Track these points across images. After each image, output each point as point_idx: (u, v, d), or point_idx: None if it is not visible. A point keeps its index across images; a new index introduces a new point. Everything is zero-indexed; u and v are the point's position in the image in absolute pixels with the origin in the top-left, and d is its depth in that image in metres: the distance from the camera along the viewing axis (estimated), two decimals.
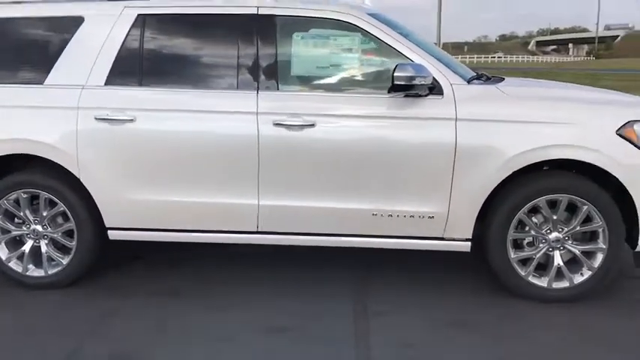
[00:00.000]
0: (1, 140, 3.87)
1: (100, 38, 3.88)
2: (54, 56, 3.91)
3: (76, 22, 3.93)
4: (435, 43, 14.62)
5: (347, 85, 3.93)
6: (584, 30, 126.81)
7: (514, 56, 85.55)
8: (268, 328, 3.45)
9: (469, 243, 3.79)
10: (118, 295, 3.93)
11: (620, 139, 3.58)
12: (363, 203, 3.74)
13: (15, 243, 4.08)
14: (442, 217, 3.72)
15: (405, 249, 3.89)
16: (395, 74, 3.49)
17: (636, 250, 3.73)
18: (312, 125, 3.67)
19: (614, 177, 3.58)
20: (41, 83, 3.91)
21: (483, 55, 76.09)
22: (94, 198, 3.89)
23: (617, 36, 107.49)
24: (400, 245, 3.86)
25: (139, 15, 3.89)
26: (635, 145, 3.58)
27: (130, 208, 3.90)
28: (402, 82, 3.50)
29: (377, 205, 3.73)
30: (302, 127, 3.68)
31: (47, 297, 3.93)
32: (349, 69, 3.92)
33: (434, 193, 3.69)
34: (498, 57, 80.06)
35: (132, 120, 3.77)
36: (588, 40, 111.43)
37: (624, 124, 3.59)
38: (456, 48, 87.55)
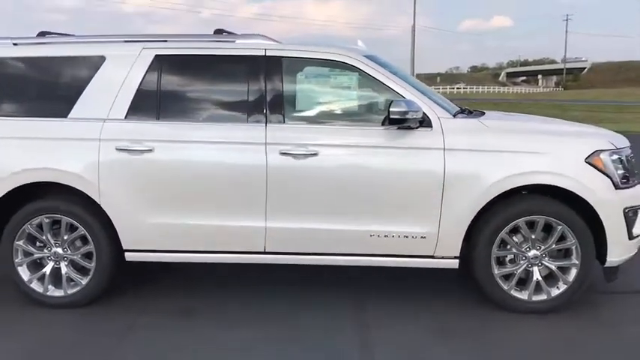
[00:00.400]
0: (28, 169, 4.18)
1: (121, 76, 4.25)
2: (77, 92, 4.26)
3: (98, 61, 4.30)
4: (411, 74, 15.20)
5: (346, 118, 4.37)
6: (552, 62, 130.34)
7: (485, 87, 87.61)
8: (281, 340, 3.79)
9: (457, 260, 4.19)
10: (133, 313, 4.22)
11: (589, 166, 4.05)
12: (362, 225, 4.13)
13: (35, 265, 4.37)
14: (433, 237, 4.12)
15: (399, 266, 4.29)
16: (390, 109, 3.92)
17: (605, 265, 4.17)
18: (316, 154, 4.07)
19: (585, 200, 4.03)
20: (65, 116, 4.25)
21: (449, 86, 77.84)
22: (113, 222, 4.21)
23: (584, 68, 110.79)
24: (395, 263, 4.25)
25: (156, 55, 4.28)
26: (602, 172, 4.05)
27: (147, 231, 4.22)
28: (397, 117, 3.94)
29: (374, 227, 4.12)
30: (306, 155, 4.07)
31: (65, 316, 4.21)
32: (348, 104, 4.37)
33: (425, 215, 4.10)
34: (462, 87, 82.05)
35: (150, 150, 4.12)
36: (556, 72, 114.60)
37: (592, 153, 4.07)
38: (428, 79, 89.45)
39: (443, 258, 4.20)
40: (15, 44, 4.45)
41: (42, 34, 4.69)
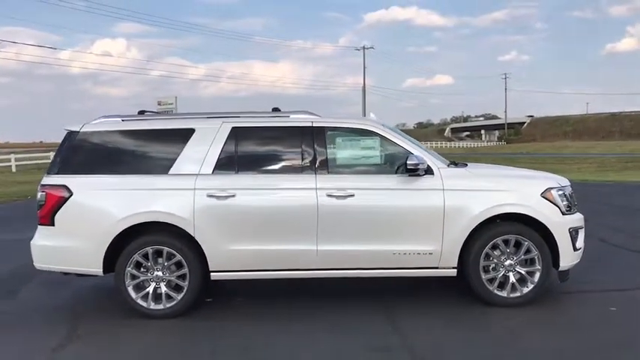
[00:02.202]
0: (141, 212, 5.62)
1: (207, 142, 5.80)
2: (175, 154, 5.77)
3: (190, 132, 5.85)
4: None
5: (372, 169, 5.98)
6: (494, 117, 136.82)
7: (432, 142, 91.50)
8: (344, 330, 5.29)
9: (455, 270, 5.81)
10: (208, 321, 5.65)
11: (544, 199, 5.79)
12: (386, 246, 5.71)
13: (139, 286, 5.74)
14: (437, 253, 5.74)
15: (412, 276, 5.88)
16: (407, 162, 5.61)
17: (559, 270, 5.87)
18: (353, 195, 5.68)
19: (542, 223, 5.75)
20: (167, 173, 5.75)
21: None
22: (203, 250, 5.66)
23: (524, 122, 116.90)
24: (411, 274, 5.83)
25: (233, 127, 5.86)
26: (553, 203, 5.80)
27: (228, 255, 5.67)
28: (412, 167, 5.62)
29: (395, 247, 5.71)
30: (346, 197, 5.68)
31: (164, 323, 5.59)
32: (373, 159, 5.99)
33: (432, 237, 5.72)
34: None
35: (233, 196, 5.65)
36: (498, 127, 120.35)
37: (545, 190, 5.83)
38: None
39: (445, 268, 5.81)
40: (123, 120, 5.97)
41: (141, 112, 6.23)
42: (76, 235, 5.68)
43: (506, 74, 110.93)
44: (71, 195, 5.64)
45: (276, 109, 6.19)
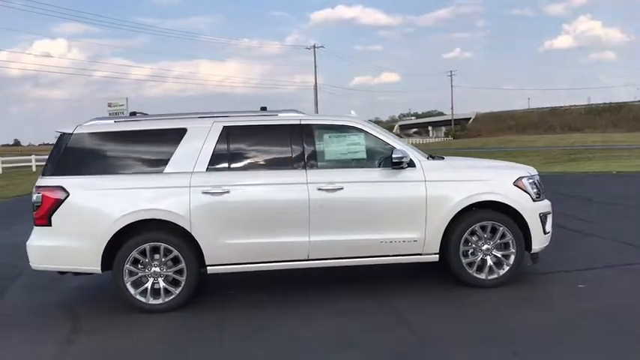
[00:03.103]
0: (139, 210, 5.79)
1: (200, 141, 6.02)
2: (169, 153, 5.97)
3: (182, 131, 6.06)
4: None
5: (358, 163, 6.31)
6: (440, 113, 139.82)
7: None
8: (341, 312, 5.62)
9: (437, 255, 6.22)
10: (208, 314, 5.89)
11: (515, 187, 6.27)
12: (375, 235, 6.06)
13: (137, 282, 5.91)
14: (421, 240, 6.13)
15: (398, 263, 6.26)
16: (393, 156, 5.99)
17: (531, 252, 6.35)
18: (342, 188, 6.01)
19: (514, 209, 6.21)
20: (162, 172, 5.94)
21: None
22: (200, 245, 5.88)
23: (470, 118, 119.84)
24: (397, 260, 6.20)
25: (224, 126, 6.10)
26: (524, 190, 6.28)
27: (224, 249, 5.91)
28: (397, 161, 6.00)
29: (383, 236, 6.07)
30: (335, 190, 6.00)
31: (162, 318, 5.80)
32: (359, 154, 6.32)
33: (415, 225, 6.10)
34: None
35: (227, 192, 5.89)
36: (445, 123, 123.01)
37: (517, 179, 6.31)
38: None
39: (428, 254, 6.21)
40: (115, 122, 6.13)
41: (133, 114, 6.39)
42: (73, 234, 5.81)
43: (452, 71, 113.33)
44: (68, 195, 5.77)
45: (263, 109, 6.47)
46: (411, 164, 6.16)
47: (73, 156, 5.97)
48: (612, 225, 9.79)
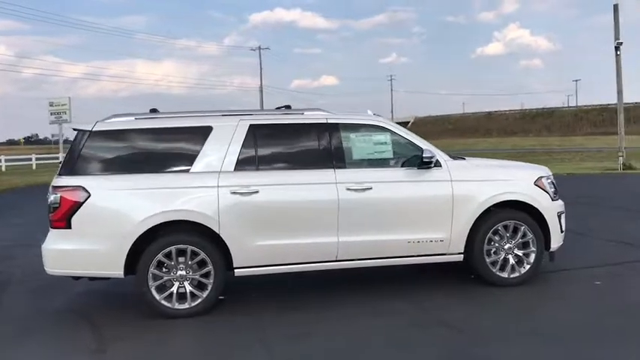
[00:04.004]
0: (166, 211, 5.54)
1: (227, 140, 5.82)
2: (195, 152, 5.75)
3: (207, 129, 5.84)
4: None
5: (385, 162, 6.27)
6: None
7: None
8: (377, 313, 5.55)
9: (462, 255, 6.25)
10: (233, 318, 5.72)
11: (536, 187, 6.38)
12: (403, 235, 6.01)
13: (162, 286, 5.65)
14: (447, 240, 6.14)
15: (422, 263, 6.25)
16: (423, 156, 5.98)
17: (549, 250, 6.47)
18: (370, 188, 5.95)
19: (536, 209, 6.32)
20: (188, 171, 5.71)
21: None
22: (228, 247, 5.68)
23: (409, 122, 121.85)
24: (422, 260, 6.19)
25: (250, 125, 5.92)
26: (543, 190, 6.40)
27: (252, 251, 5.73)
28: (427, 160, 5.99)
29: (411, 236, 6.04)
30: (364, 190, 5.93)
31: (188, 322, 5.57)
32: (385, 153, 6.27)
33: (442, 225, 6.11)
34: None
35: (256, 192, 5.72)
36: None
37: (537, 179, 6.42)
38: None
39: (452, 254, 6.23)
40: (136, 119, 5.85)
41: (153, 110, 6.11)
42: (95, 237, 5.51)
43: (391, 76, 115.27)
44: (89, 196, 5.46)
45: (287, 107, 6.33)
46: (437, 164, 6.16)
47: (92, 154, 5.66)
48: (603, 224, 10.14)
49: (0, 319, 5.92)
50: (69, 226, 5.45)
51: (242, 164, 5.82)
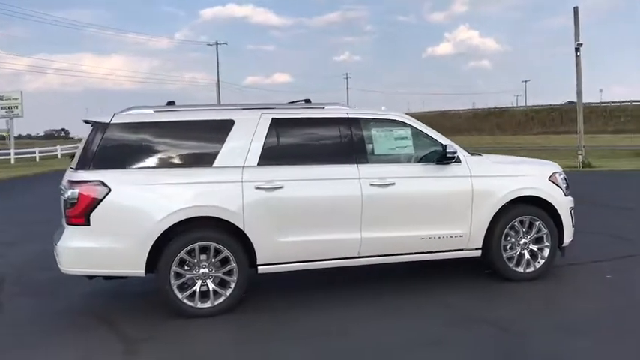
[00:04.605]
0: (190, 207, 5.36)
1: (249, 134, 5.67)
2: (217, 146, 5.57)
3: (230, 123, 5.67)
4: None
5: (406, 158, 6.24)
6: None
7: None
8: (383, 312, 5.50)
9: (480, 250, 6.27)
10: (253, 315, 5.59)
11: (551, 182, 6.46)
12: (424, 231, 5.99)
13: (184, 284, 5.46)
14: (466, 235, 6.15)
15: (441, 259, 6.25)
16: (447, 151, 5.97)
17: (562, 245, 6.56)
18: (393, 184, 5.90)
19: (551, 204, 6.40)
20: (211, 166, 5.53)
21: None
22: (252, 243, 5.53)
23: None
24: (441, 256, 6.18)
25: (272, 118, 5.79)
26: (557, 185, 6.49)
27: (277, 247, 5.60)
28: (450, 156, 5.98)
29: (432, 232, 6.01)
30: (387, 185, 5.88)
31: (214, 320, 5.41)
32: (406, 148, 6.24)
33: (463, 221, 6.12)
34: None
35: (281, 187, 5.59)
36: None
37: (551, 175, 6.51)
38: None
39: (471, 250, 6.25)
40: (155, 111, 5.63)
41: (170, 103, 5.90)
42: (116, 234, 5.28)
43: (347, 74, 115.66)
44: (109, 191, 5.22)
45: (307, 101, 6.22)
46: (457, 160, 6.17)
47: (111, 148, 5.41)
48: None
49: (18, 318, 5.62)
50: (88, 223, 5.21)
51: (265, 159, 5.67)
